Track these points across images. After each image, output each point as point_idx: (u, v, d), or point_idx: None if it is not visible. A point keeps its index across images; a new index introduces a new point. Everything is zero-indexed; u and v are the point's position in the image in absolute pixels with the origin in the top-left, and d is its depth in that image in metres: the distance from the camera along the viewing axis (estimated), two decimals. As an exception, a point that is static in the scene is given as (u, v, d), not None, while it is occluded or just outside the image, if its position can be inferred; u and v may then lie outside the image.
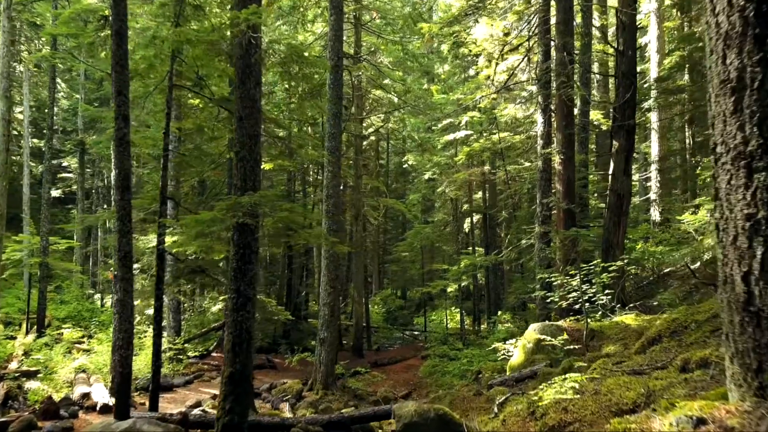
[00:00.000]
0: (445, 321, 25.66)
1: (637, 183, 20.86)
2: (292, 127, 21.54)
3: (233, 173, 6.77)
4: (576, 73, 13.93)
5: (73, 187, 32.53)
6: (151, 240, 12.10)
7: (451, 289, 24.62)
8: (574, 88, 13.16)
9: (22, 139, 28.13)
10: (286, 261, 24.66)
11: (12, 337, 17.19)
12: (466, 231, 27.35)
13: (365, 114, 22.34)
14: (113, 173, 9.94)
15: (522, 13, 15.65)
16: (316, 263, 21.92)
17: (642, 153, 22.05)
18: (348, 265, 26.34)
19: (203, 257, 9.46)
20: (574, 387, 3.43)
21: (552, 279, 9.78)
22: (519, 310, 21.07)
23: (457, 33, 14.49)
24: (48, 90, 20.74)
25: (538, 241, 13.66)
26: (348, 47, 20.55)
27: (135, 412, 9.32)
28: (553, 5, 13.63)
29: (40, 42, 29.86)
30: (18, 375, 12.69)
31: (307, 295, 26.36)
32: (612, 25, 20.56)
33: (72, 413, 10.33)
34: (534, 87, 16.45)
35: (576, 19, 13.96)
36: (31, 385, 12.08)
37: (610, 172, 12.03)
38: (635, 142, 12.88)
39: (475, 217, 26.26)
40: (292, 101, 18.43)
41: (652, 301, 9.56)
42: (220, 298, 21.31)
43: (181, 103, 14.05)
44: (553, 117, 13.59)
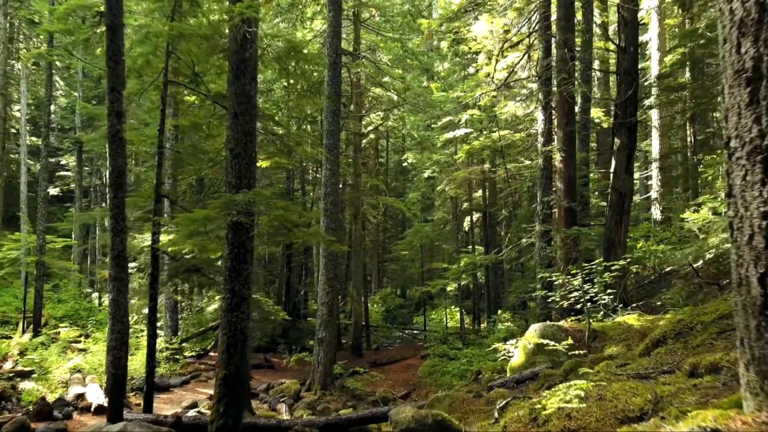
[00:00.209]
0: (444, 320, 25.54)
1: (637, 181, 20.71)
2: (290, 125, 21.39)
3: (228, 171, 6.61)
4: (577, 71, 13.78)
5: (71, 185, 32.37)
6: (147, 239, 11.95)
7: (450, 288, 24.50)
8: (575, 84, 13.01)
9: (19, 138, 27.96)
10: (284, 260, 24.52)
11: (7, 337, 17.05)
12: (466, 229, 27.23)
13: (364, 112, 22.19)
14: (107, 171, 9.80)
15: (522, 10, 15.50)
16: (315, 262, 21.77)
17: (643, 151, 21.91)
18: (347, 263, 26.20)
19: (199, 256, 9.32)
20: (580, 395, 3.28)
21: (553, 278, 9.64)
22: (519, 309, 20.94)
23: (457, 29, 14.35)
24: (45, 87, 20.59)
25: (538, 239, 13.51)
26: (347, 45, 20.39)
27: (129, 414, 9.18)
28: (554, 1, 13.48)
29: (38, 39, 29.72)
30: (12, 375, 12.54)
31: (306, 294, 26.21)
32: (613, 22, 20.41)
33: (66, 414, 10.19)
34: (534, 84, 16.30)
35: (577, 16, 13.80)
36: (25, 385, 11.92)
37: (611, 170, 11.89)
38: (637, 139, 12.73)
39: (475, 215, 26.13)
40: (290, 99, 18.28)
41: (655, 301, 9.42)
42: (216, 298, 21.17)
43: (178, 100, 13.90)
44: (554, 114, 13.44)
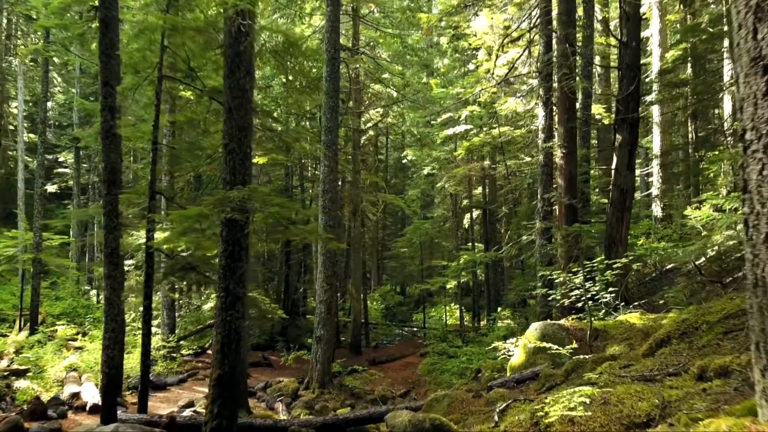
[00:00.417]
0: (444, 317, 25.43)
1: (638, 178, 20.55)
2: (289, 121, 21.22)
3: (222, 167, 6.47)
4: (578, 66, 13.63)
5: (69, 182, 32.23)
6: (143, 236, 11.82)
7: (450, 285, 24.39)
8: (577, 80, 12.85)
9: (17, 134, 27.79)
10: (283, 257, 24.38)
11: (4, 335, 16.93)
12: (466, 227, 27.09)
13: (363, 108, 22.04)
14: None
15: (522, 5, 15.34)
16: (314, 259, 21.67)
17: (644, 148, 21.75)
18: (346, 261, 26.07)
19: (195, 254, 9.19)
20: (585, 402, 3.15)
21: (554, 276, 9.51)
22: (519, 306, 20.81)
23: (457, 24, 14.18)
24: (41, 84, 20.43)
25: (539, 237, 13.38)
26: (346, 41, 20.23)
27: (124, 414, 9.06)
28: (555, -4, 13.33)
29: (36, 36, 29.51)
30: (7, 374, 12.41)
31: (305, 292, 26.08)
32: (613, 18, 20.25)
33: (61, 413, 10.08)
34: (535, 80, 16.14)
35: (578, 11, 13.65)
36: (20, 384, 11.82)
37: (612, 167, 11.73)
38: (638, 136, 12.58)
39: (475, 212, 25.99)
40: (289, 95, 18.11)
41: (657, 299, 9.28)
42: (213, 296, 21.05)
43: (173, 95, 13.74)
44: (555, 110, 13.29)
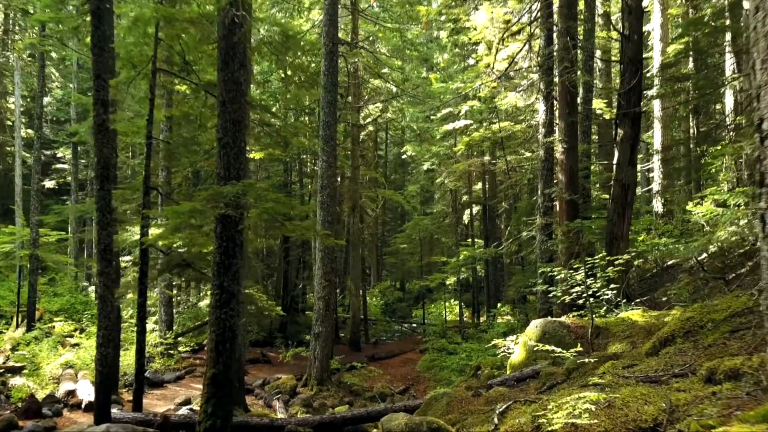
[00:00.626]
0: (444, 313, 25.33)
1: (639, 173, 20.37)
2: (288, 116, 21.05)
3: (217, 162, 6.33)
4: (579, 60, 13.45)
5: (67, 178, 32.04)
6: (138, 232, 11.69)
7: (450, 281, 24.27)
8: (578, 73, 12.69)
9: (14, 130, 27.58)
10: (282, 253, 24.25)
11: (0, 332, 16.81)
12: (466, 222, 26.97)
13: (362, 103, 21.88)
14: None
15: (523, -2, 15.15)
16: (314, 256, 21.56)
17: (644, 143, 21.59)
18: (345, 257, 25.95)
19: (191, 250, 9.05)
20: (590, 409, 3.01)
21: (554, 272, 9.38)
22: (519, 303, 20.71)
23: (457, 17, 13.98)
24: (37, 78, 20.25)
25: (539, 233, 13.23)
26: (345, 35, 20.05)
27: (120, 412, 8.95)
28: (556, -11, 13.14)
29: (34, 32, 29.29)
30: (2, 371, 12.29)
31: (304, 288, 25.97)
32: (614, 13, 20.06)
33: (56, 411, 9.96)
34: (535, 75, 15.96)
35: (579, 5, 13.47)
36: (15, 381, 11.69)
37: (614, 162, 11.59)
38: (640, 130, 12.43)
39: (475, 208, 25.86)
40: (287, 90, 17.93)
41: (659, 296, 9.16)
42: (210, 293, 20.92)
43: (169, 90, 13.58)
44: (556, 105, 13.13)
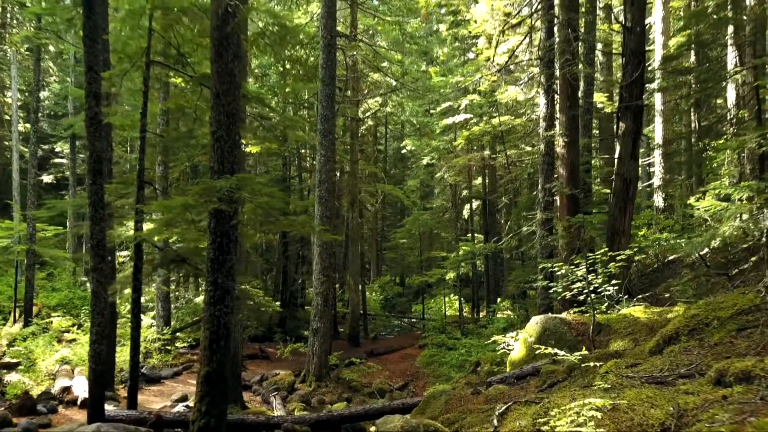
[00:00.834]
0: (443, 309, 25.24)
1: (640, 168, 20.20)
2: (287, 110, 20.88)
3: (210, 155, 6.18)
4: (580, 53, 13.28)
5: (65, 172, 31.87)
6: (131, 227, 11.58)
7: (449, 276, 24.18)
8: (579, 66, 12.51)
9: (11, 124, 27.38)
10: (281, 248, 24.13)
11: (-4, 327, 16.69)
12: (466, 217, 26.83)
13: (361, 97, 21.71)
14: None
15: (524, -10, 14.98)
16: (313, 250, 21.45)
17: (645, 137, 21.42)
18: (345, 252, 25.83)
19: (186, 245, 8.93)
20: (596, 417, 2.88)
21: (555, 268, 9.25)
22: (519, 298, 20.60)
23: (456, 8, 13.81)
24: (33, 72, 20.04)
25: (539, 228, 13.10)
26: (344, 28, 19.86)
27: (115, 409, 8.86)
28: (557, -20, 12.95)
29: (31, 25, 29.05)
30: (-2, 367, 12.18)
31: (303, 283, 25.86)
32: (616, 6, 19.84)
33: (51, 408, 9.86)
34: (536, 68, 15.79)
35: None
36: (11, 377, 11.56)
37: (616, 156, 11.43)
38: (642, 124, 12.27)
39: (475, 203, 25.71)
40: (286, 83, 17.77)
41: (661, 292, 9.03)
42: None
43: (164, 83, 13.42)
44: (556, 98, 12.97)
